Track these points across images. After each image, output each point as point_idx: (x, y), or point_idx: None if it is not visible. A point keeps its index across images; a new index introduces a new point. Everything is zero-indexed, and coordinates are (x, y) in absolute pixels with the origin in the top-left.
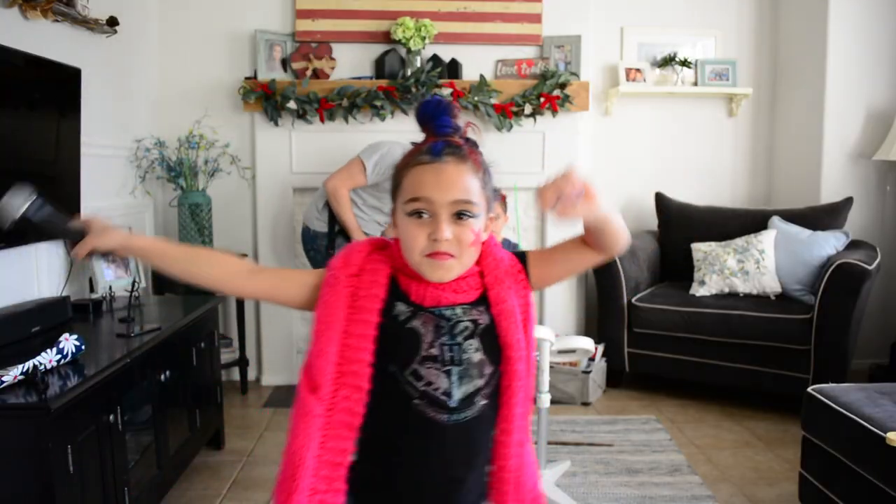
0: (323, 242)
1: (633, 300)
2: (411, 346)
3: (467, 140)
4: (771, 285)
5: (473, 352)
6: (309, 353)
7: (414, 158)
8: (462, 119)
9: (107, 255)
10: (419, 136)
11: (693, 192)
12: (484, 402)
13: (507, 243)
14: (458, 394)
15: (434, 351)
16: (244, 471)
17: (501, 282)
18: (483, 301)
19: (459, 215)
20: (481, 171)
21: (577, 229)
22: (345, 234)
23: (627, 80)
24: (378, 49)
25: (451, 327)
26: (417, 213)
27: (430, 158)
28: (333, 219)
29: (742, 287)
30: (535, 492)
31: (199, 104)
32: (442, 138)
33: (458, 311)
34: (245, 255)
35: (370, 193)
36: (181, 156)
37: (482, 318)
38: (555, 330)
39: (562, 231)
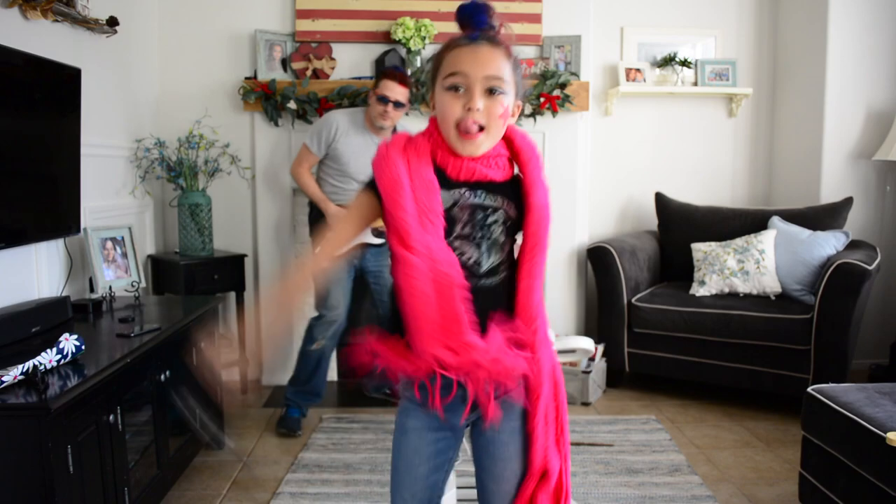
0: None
1: (633, 300)
2: (449, 227)
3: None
4: (771, 285)
5: (500, 234)
6: (392, 219)
7: (453, 42)
8: (498, 19)
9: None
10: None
11: (693, 192)
12: (504, 272)
13: None
14: (486, 263)
15: (467, 230)
16: (244, 471)
17: (533, 180)
18: (515, 186)
19: (491, 91)
20: (512, 57)
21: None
22: (319, 211)
23: (627, 80)
24: (378, 49)
25: (485, 214)
26: (454, 88)
27: (468, 41)
28: (312, 203)
29: (742, 287)
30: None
31: (199, 104)
32: (481, 29)
33: (489, 196)
34: (245, 256)
35: (331, 167)
36: (181, 156)
37: (511, 209)
38: (555, 330)
39: (560, 232)
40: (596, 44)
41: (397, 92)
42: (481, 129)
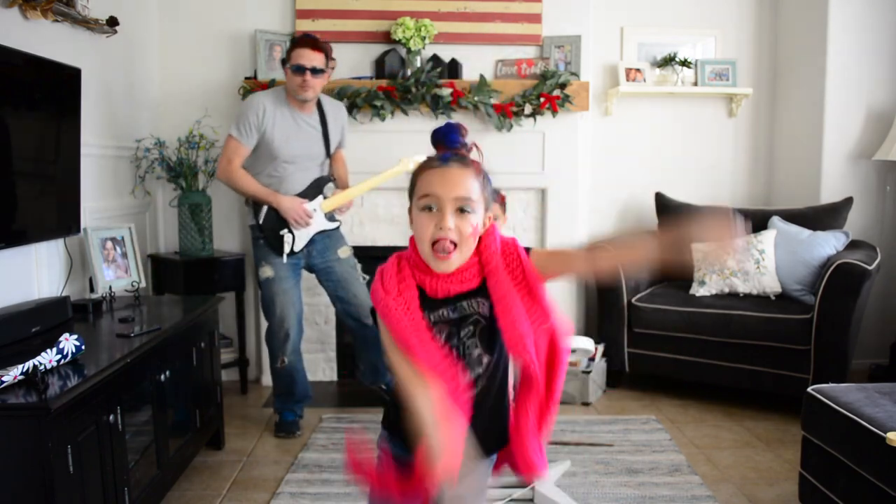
0: (257, 234)
1: (633, 300)
2: None
3: (471, 153)
4: (771, 285)
5: (474, 348)
6: (413, 364)
7: (427, 164)
8: (469, 138)
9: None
10: (418, 135)
11: (693, 192)
12: (485, 382)
13: None
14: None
15: (447, 349)
16: (244, 471)
17: (496, 272)
18: (484, 288)
19: (461, 210)
20: (481, 176)
21: (581, 243)
22: (257, 204)
23: (627, 80)
24: (378, 49)
25: (459, 332)
26: (428, 207)
27: (439, 164)
28: (257, 206)
29: (742, 287)
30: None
31: (199, 104)
32: (452, 150)
33: (465, 304)
34: (245, 256)
35: (263, 155)
36: (181, 156)
37: (483, 307)
38: None
39: (560, 231)
40: (596, 44)
41: (312, 58)
42: (454, 245)
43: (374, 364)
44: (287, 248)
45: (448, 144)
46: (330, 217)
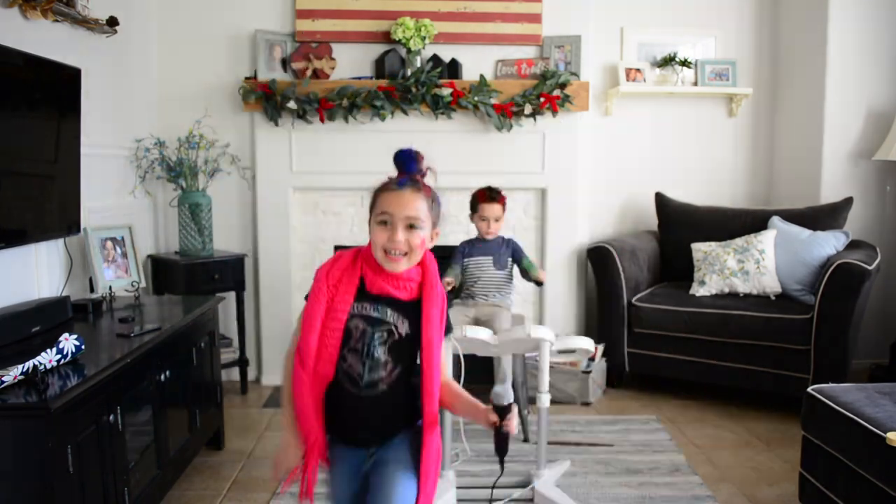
0: None
1: (633, 300)
2: (345, 340)
3: (424, 178)
4: (771, 285)
5: (382, 354)
6: (299, 339)
7: (386, 186)
8: (425, 164)
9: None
10: (418, 135)
11: (693, 192)
12: (385, 388)
13: (501, 240)
14: (366, 378)
15: (357, 346)
16: (244, 471)
17: (433, 301)
18: (411, 309)
19: (411, 226)
20: (430, 198)
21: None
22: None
23: (627, 80)
24: (378, 49)
25: (373, 333)
26: (383, 222)
27: (395, 187)
28: None
29: (742, 287)
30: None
31: (199, 104)
32: (407, 175)
33: (389, 312)
34: (245, 256)
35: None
36: (181, 156)
37: (404, 326)
38: (555, 330)
39: (560, 231)
40: (596, 44)
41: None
42: (405, 254)
43: None
44: None
45: (406, 170)
46: None
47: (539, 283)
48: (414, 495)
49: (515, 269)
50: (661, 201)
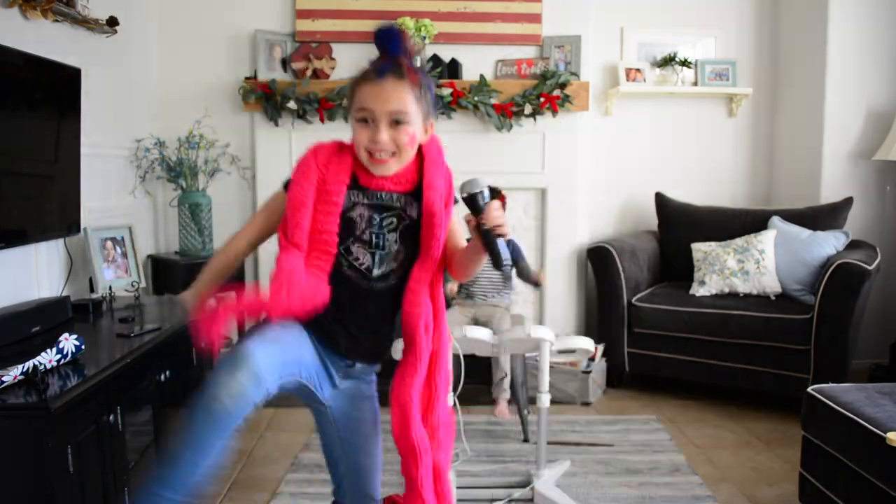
0: None
1: (633, 300)
2: (348, 230)
3: (411, 63)
4: (771, 285)
5: (393, 243)
6: (285, 225)
7: (364, 76)
8: (412, 44)
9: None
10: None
11: (693, 192)
12: (395, 281)
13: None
14: (377, 271)
15: (364, 236)
16: (244, 471)
17: (435, 188)
18: (417, 194)
19: (396, 121)
20: (418, 86)
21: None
22: None
23: (627, 80)
24: None
25: (381, 220)
26: (363, 119)
27: (374, 77)
28: None
29: (742, 287)
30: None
31: (199, 104)
32: (390, 59)
33: (394, 197)
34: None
35: None
36: (181, 156)
37: (412, 211)
38: (555, 330)
39: (560, 231)
40: (596, 44)
41: None
42: (393, 154)
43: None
44: None
45: (389, 52)
46: None
47: (537, 285)
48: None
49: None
50: (661, 201)
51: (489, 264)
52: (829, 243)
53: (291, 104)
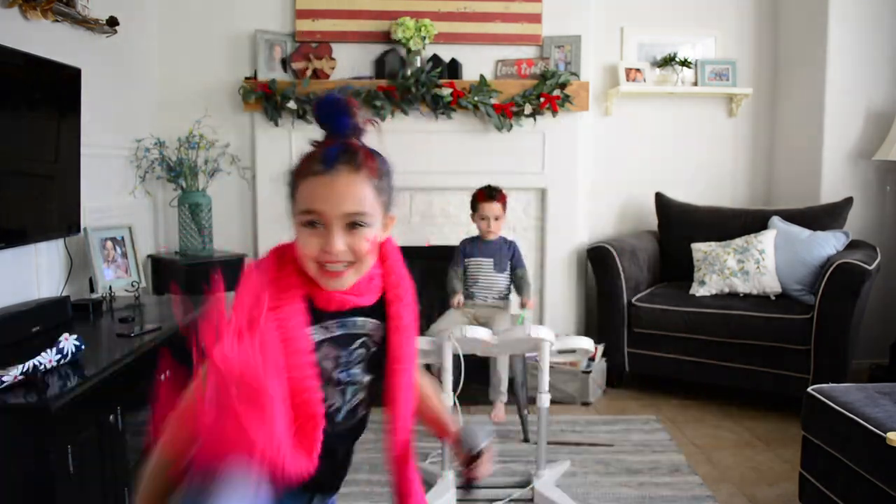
0: None
1: (633, 300)
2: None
3: (365, 144)
4: (771, 285)
5: (362, 374)
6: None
7: (308, 167)
8: (362, 116)
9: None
10: (418, 135)
11: (693, 192)
12: (364, 412)
13: (503, 241)
14: (345, 408)
15: (334, 375)
16: None
17: (401, 299)
18: (381, 307)
19: (353, 224)
20: (377, 177)
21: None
22: None
23: (627, 80)
24: (378, 49)
25: (350, 354)
26: (310, 223)
27: (323, 169)
28: None
29: (742, 287)
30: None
31: (199, 104)
32: (340, 140)
33: (357, 323)
34: (245, 256)
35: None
36: (181, 156)
37: (377, 332)
38: (555, 330)
39: (560, 232)
40: (596, 44)
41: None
42: (351, 263)
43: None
44: None
45: (335, 130)
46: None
47: (522, 307)
48: None
49: None
50: (661, 201)
51: (490, 265)
52: (829, 243)
53: (291, 104)
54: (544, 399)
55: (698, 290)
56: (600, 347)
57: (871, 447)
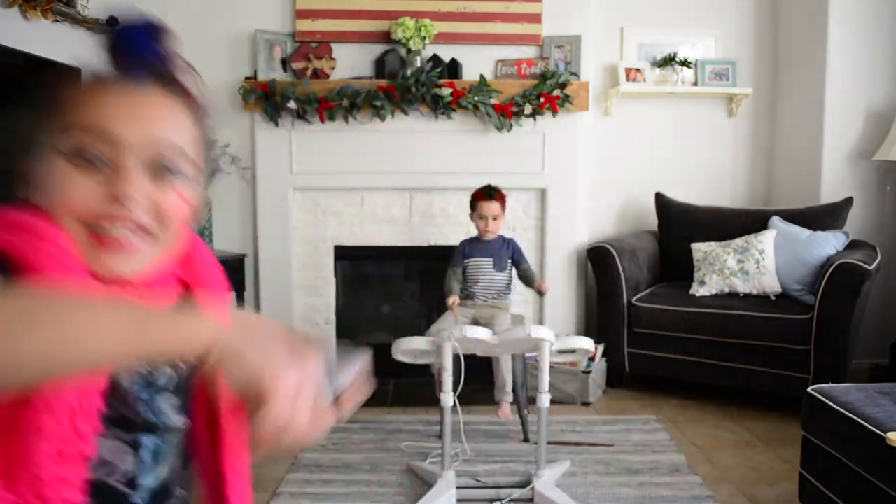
0: None
1: (633, 300)
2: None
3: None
4: (771, 285)
5: (171, 411)
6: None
7: (99, 80)
8: (175, 48)
9: None
10: (418, 135)
11: (693, 192)
12: (183, 491)
13: (502, 240)
14: (148, 481)
15: (121, 431)
16: None
17: (216, 302)
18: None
19: (161, 170)
20: (200, 117)
21: None
22: None
23: (627, 80)
24: (378, 49)
25: (150, 397)
26: (84, 157)
27: (126, 80)
28: None
29: (742, 287)
30: None
31: None
32: (145, 64)
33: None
34: (245, 256)
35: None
36: None
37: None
38: (555, 330)
39: (560, 232)
40: (596, 44)
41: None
42: (147, 232)
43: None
44: None
45: (137, 55)
46: None
47: (540, 293)
48: None
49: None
50: (661, 201)
51: (489, 265)
52: (829, 243)
53: (291, 104)
54: (544, 399)
55: (698, 290)
56: (600, 347)
57: (871, 447)
